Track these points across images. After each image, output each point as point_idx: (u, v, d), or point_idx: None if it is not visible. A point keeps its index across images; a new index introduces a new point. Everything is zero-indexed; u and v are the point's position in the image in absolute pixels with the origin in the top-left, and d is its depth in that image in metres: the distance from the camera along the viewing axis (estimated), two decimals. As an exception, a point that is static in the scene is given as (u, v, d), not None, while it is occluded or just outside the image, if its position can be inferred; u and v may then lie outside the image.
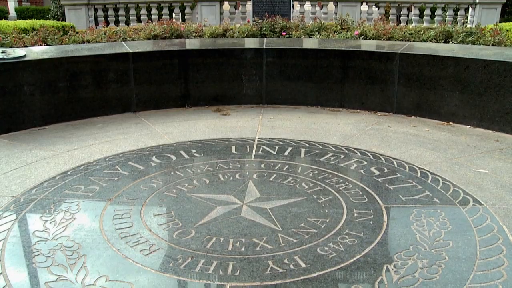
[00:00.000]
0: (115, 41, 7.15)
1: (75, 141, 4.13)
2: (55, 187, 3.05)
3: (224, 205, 2.73)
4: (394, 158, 3.63)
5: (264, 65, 5.43)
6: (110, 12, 15.21)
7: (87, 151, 3.82)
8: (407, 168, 3.42)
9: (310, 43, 6.15)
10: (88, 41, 7.22)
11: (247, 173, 3.28)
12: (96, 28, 11.15)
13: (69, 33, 7.96)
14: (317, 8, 15.29)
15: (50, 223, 2.53)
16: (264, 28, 7.64)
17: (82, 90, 4.92)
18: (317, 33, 7.39)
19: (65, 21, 14.45)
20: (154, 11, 14.84)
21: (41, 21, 10.59)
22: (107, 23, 14.26)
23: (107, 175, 3.24)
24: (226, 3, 14.85)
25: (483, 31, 7.30)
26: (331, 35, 7.17)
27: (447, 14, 15.13)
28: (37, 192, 2.97)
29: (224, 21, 13.14)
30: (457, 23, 14.32)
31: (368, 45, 5.95)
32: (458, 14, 15.12)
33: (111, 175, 3.25)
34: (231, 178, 3.17)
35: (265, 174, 3.25)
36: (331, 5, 15.17)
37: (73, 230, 2.44)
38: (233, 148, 3.86)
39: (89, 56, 5.01)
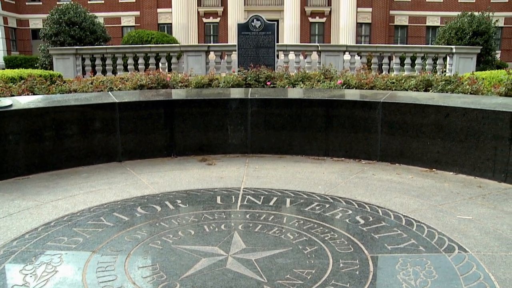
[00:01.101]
0: (102, 90, 7.22)
1: (59, 191, 4.09)
2: (37, 238, 2.99)
3: (209, 257, 2.70)
4: (379, 207, 3.66)
5: (249, 114, 5.51)
6: (98, 62, 15.42)
7: (71, 202, 3.78)
8: (392, 216, 3.44)
9: (294, 93, 6.29)
10: (75, 91, 7.28)
11: (233, 224, 3.27)
12: (83, 77, 11.26)
13: (56, 83, 8.03)
14: (301, 57, 15.72)
15: (31, 276, 2.47)
16: (249, 78, 7.79)
17: (68, 140, 4.92)
18: (301, 82, 7.56)
19: (53, 70, 14.60)
20: (141, 60, 15.08)
21: (29, 70, 10.69)
22: (94, 72, 14.42)
23: (91, 226, 3.20)
24: (212, 53, 15.20)
25: (461, 80, 7.55)
26: (315, 84, 7.34)
27: (426, 62, 15.69)
28: (18, 244, 2.91)
29: (210, 70, 13.39)
30: (437, 71, 14.82)
31: (351, 94, 6.10)
32: (437, 62, 15.69)
33: (95, 226, 3.21)
34: (217, 229, 3.15)
35: (251, 225, 3.24)
36: (314, 54, 15.63)
37: (55, 283, 2.39)
38: (219, 198, 3.86)
39: (75, 106, 5.04)
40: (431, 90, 7.16)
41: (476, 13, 20.72)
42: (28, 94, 6.93)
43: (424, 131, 4.94)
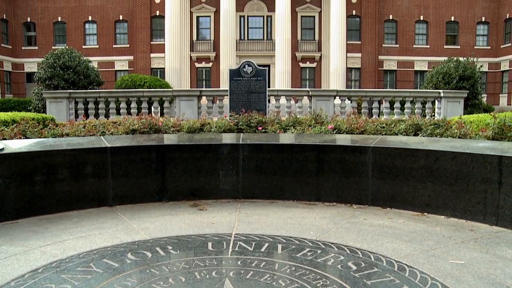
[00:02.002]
0: (94, 135, 7.25)
1: (49, 236, 4.04)
2: (24, 286, 2.94)
3: (200, 305, 2.66)
4: (371, 252, 3.64)
5: (241, 160, 5.54)
6: (91, 105, 15.54)
7: (60, 247, 3.73)
8: (384, 261, 3.43)
9: (285, 138, 6.35)
10: (68, 135, 7.31)
11: (224, 271, 3.23)
12: (76, 120, 11.32)
13: (48, 126, 8.06)
14: (292, 102, 15.94)
15: (17, 327, 2.41)
16: (241, 123, 7.88)
17: (59, 184, 4.90)
18: (292, 127, 7.66)
19: (46, 113, 14.66)
20: (133, 104, 15.20)
21: (22, 113, 10.73)
22: (87, 116, 14.50)
23: (80, 273, 3.15)
24: (204, 97, 15.38)
25: (449, 124, 7.69)
26: (306, 129, 7.43)
27: (416, 106, 15.99)
28: (5, 292, 2.86)
29: (202, 115, 13.53)
30: (426, 115, 15.09)
31: (342, 139, 6.17)
32: (426, 106, 16.01)
33: (85, 272, 3.16)
34: (208, 276, 3.11)
35: (242, 272, 3.21)
36: (305, 99, 15.85)
37: (41, 334, 2.33)
38: (210, 244, 3.83)
39: (67, 150, 5.06)
40: (420, 134, 7.27)
41: (461, 59, 21.33)
42: (20, 138, 6.95)
43: (414, 175, 4.99)
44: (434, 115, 15.41)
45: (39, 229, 4.27)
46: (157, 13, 35.89)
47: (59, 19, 37.45)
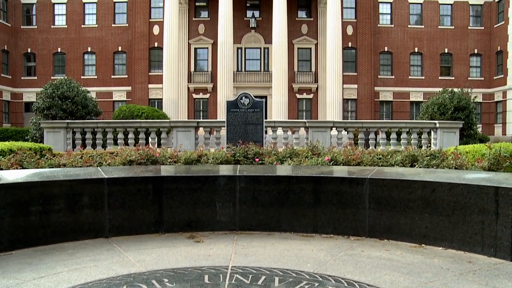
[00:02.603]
0: (91, 165, 7.25)
1: (43, 268, 4.00)
2: (17, 321, 2.89)
3: None
4: (368, 285, 3.61)
5: (238, 191, 5.53)
6: (88, 136, 15.57)
7: (54, 280, 3.69)
8: (382, 296, 3.40)
9: (282, 170, 6.37)
10: (64, 165, 7.31)
11: (220, 304, 3.19)
12: (73, 150, 11.33)
13: (46, 156, 8.07)
14: (289, 133, 16.02)
15: None
16: (238, 155, 7.91)
17: (55, 215, 4.88)
18: (289, 159, 7.69)
19: (44, 143, 14.68)
20: (131, 135, 15.25)
21: (19, 143, 10.74)
22: (84, 146, 14.52)
23: (74, 307, 3.11)
24: (201, 128, 15.45)
25: (445, 155, 7.74)
26: (302, 160, 7.46)
27: (412, 137, 16.08)
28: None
29: (199, 146, 13.56)
30: (422, 145, 15.17)
31: (339, 170, 6.19)
32: (422, 137, 16.11)
33: (78, 307, 3.12)
34: (204, 310, 3.07)
35: (239, 305, 3.17)
36: (302, 130, 15.94)
37: None
38: (206, 277, 3.79)
39: (63, 181, 5.05)
40: (417, 165, 7.31)
41: (456, 90, 21.61)
42: (17, 168, 6.95)
43: (411, 207, 4.99)
44: (430, 146, 15.50)
45: (33, 260, 4.22)
46: (156, 44, 36.37)
47: (59, 50, 37.88)
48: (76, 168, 6.43)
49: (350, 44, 36.80)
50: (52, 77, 33.69)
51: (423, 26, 38.32)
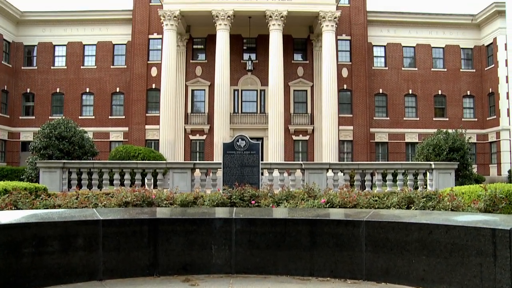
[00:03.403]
0: (87, 206, 7.22)
1: (34, 314, 3.92)
2: None
3: None
4: (366, 332, 3.55)
5: (234, 234, 5.50)
6: (84, 176, 15.55)
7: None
8: None
9: (278, 213, 6.35)
10: (60, 206, 7.27)
11: None
12: (68, 191, 11.28)
13: (41, 197, 8.03)
14: (285, 175, 16.05)
15: None
16: (234, 197, 7.90)
17: (48, 256, 4.82)
18: (285, 201, 7.68)
19: (39, 182, 14.62)
20: (127, 176, 15.23)
21: (14, 183, 10.69)
22: (80, 186, 14.47)
23: None
24: (197, 170, 15.46)
25: (441, 196, 7.75)
26: (299, 203, 7.45)
27: (408, 178, 16.12)
28: None
29: (195, 187, 13.54)
30: (418, 187, 15.17)
31: (335, 213, 6.18)
32: (418, 178, 16.14)
33: None
34: None
35: None
36: (298, 172, 15.97)
37: None
38: (201, 322, 3.73)
39: (58, 222, 5.02)
40: (413, 207, 7.31)
41: (450, 131, 21.84)
42: (11, 208, 6.91)
43: (408, 249, 4.96)
44: (426, 187, 15.51)
45: (25, 305, 4.14)
46: (153, 86, 36.80)
47: (58, 90, 38.25)
48: (71, 209, 6.41)
49: (345, 86, 37.36)
50: (50, 117, 33.88)
51: (416, 69, 39.08)
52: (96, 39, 38.45)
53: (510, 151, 35.34)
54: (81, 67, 38.47)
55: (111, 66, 38.46)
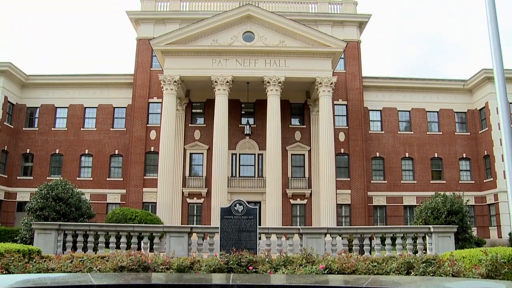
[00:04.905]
0: (81, 270, 7.11)
1: None
2: None
3: None
4: None
5: (231, 300, 5.41)
6: (80, 238, 15.37)
7: None
8: None
9: (276, 279, 6.26)
10: (53, 270, 7.17)
11: None
12: (63, 253, 11.08)
13: (34, 260, 7.91)
14: (283, 239, 15.85)
15: None
16: (231, 262, 7.80)
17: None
18: (283, 267, 7.58)
19: (33, 244, 14.39)
20: (123, 239, 15.06)
21: (7, 245, 10.52)
22: (75, 249, 14.25)
23: None
24: (194, 234, 15.29)
25: (441, 261, 7.66)
26: (297, 269, 7.36)
27: (407, 242, 15.94)
28: None
29: (192, 252, 13.33)
30: (417, 251, 14.96)
31: (334, 280, 6.09)
32: (417, 242, 15.94)
33: None
34: None
35: None
36: (296, 236, 15.80)
37: None
38: None
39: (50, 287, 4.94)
40: (412, 273, 7.21)
41: (448, 193, 21.81)
42: (2, 273, 6.79)
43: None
44: (425, 251, 15.30)
45: None
46: (152, 149, 37.07)
47: (57, 151, 38.47)
48: (65, 274, 6.31)
49: (342, 150, 37.69)
50: (48, 178, 33.83)
51: (412, 132, 39.65)
52: (97, 102, 39.26)
53: (510, 214, 35.11)
54: (81, 129, 38.95)
55: (111, 129, 38.94)
